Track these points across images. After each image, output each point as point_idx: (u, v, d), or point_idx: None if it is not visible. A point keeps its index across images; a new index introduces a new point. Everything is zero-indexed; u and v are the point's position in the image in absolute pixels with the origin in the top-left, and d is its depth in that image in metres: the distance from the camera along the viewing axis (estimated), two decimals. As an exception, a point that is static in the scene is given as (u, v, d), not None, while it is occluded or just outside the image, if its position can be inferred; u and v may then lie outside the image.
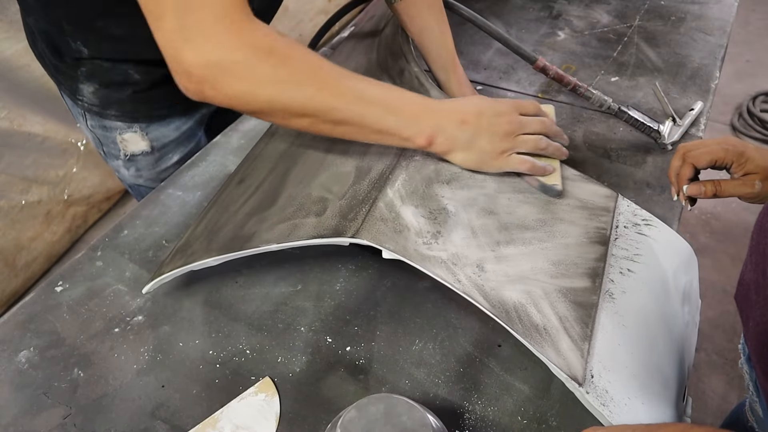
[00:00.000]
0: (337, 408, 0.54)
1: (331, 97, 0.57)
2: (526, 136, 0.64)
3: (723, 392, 1.48)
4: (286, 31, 2.29)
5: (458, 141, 0.62)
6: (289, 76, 0.56)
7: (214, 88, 0.55)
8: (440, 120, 0.61)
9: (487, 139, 0.62)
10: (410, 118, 0.60)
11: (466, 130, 0.61)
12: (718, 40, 1.06)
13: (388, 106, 0.60)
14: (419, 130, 0.61)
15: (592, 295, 0.56)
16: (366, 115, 0.59)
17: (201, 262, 0.60)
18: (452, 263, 0.56)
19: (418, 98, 0.62)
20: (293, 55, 0.56)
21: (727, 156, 0.62)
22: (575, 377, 0.50)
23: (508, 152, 0.63)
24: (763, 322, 0.53)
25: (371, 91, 0.60)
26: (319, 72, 0.57)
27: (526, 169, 0.63)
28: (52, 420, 0.56)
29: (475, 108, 0.63)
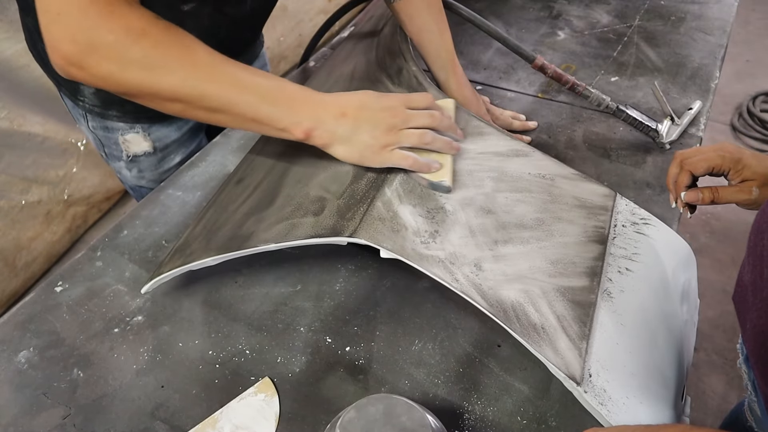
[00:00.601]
0: (336, 408, 0.54)
1: (204, 83, 0.56)
2: (410, 131, 0.62)
3: (723, 392, 1.48)
4: (286, 31, 2.30)
5: (337, 134, 0.60)
6: (160, 60, 0.55)
7: (81, 68, 0.54)
8: (319, 112, 0.60)
9: (368, 132, 0.60)
10: (287, 109, 0.59)
11: (345, 123, 0.60)
12: (718, 40, 1.06)
13: (264, 95, 0.58)
14: (295, 121, 0.59)
15: (591, 294, 0.56)
16: (239, 103, 0.57)
17: (200, 262, 0.61)
18: (450, 262, 0.56)
19: (298, 89, 0.61)
20: (167, 39, 0.55)
21: (724, 163, 0.62)
22: (573, 376, 0.50)
23: (390, 147, 0.61)
24: (760, 324, 0.53)
25: (247, 79, 0.58)
26: (193, 57, 0.56)
27: (408, 165, 0.61)
28: (51, 420, 0.56)
29: (357, 101, 0.61)
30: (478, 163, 0.67)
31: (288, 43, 2.32)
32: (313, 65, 1.05)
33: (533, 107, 0.92)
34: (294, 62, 2.35)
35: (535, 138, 0.86)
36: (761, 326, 0.52)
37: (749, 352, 0.57)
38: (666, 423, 0.51)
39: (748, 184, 0.61)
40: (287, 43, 2.32)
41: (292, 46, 2.34)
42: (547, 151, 0.69)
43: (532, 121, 0.88)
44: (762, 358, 0.54)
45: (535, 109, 0.92)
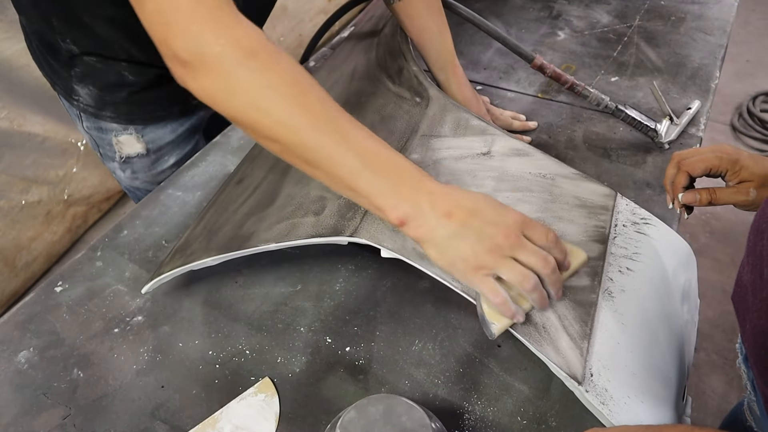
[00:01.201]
0: (336, 408, 0.54)
1: (306, 130, 0.49)
2: (514, 264, 0.51)
3: (723, 392, 1.48)
4: (286, 31, 2.30)
5: (435, 235, 0.51)
6: (267, 89, 0.49)
7: (193, 77, 0.50)
8: (423, 201, 0.51)
9: (468, 244, 0.50)
10: (389, 186, 0.51)
11: (448, 226, 0.50)
12: (718, 40, 1.06)
13: (368, 163, 0.50)
14: (393, 204, 0.50)
15: (591, 294, 0.56)
16: (339, 165, 0.50)
17: (200, 262, 0.61)
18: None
19: (411, 168, 0.52)
20: (277, 65, 0.49)
21: (722, 164, 0.62)
22: (574, 376, 0.50)
23: (486, 270, 0.51)
24: (760, 324, 0.53)
25: (357, 140, 0.50)
26: (302, 97, 0.49)
27: (497, 303, 0.51)
28: (52, 420, 0.56)
29: (471, 203, 0.52)
30: (479, 162, 0.67)
31: (288, 43, 2.32)
32: (313, 65, 1.05)
33: (533, 107, 0.92)
34: (294, 62, 2.34)
35: (535, 138, 0.86)
36: (761, 326, 0.52)
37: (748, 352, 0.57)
38: (667, 423, 0.51)
39: (746, 185, 0.61)
40: (287, 43, 2.32)
41: (292, 46, 2.34)
42: (547, 151, 0.69)
43: (532, 121, 0.88)
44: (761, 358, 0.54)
45: (535, 109, 0.92)
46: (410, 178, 0.52)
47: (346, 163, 0.50)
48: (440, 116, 0.72)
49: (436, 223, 0.50)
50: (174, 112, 0.86)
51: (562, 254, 0.54)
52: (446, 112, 0.73)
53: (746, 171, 0.61)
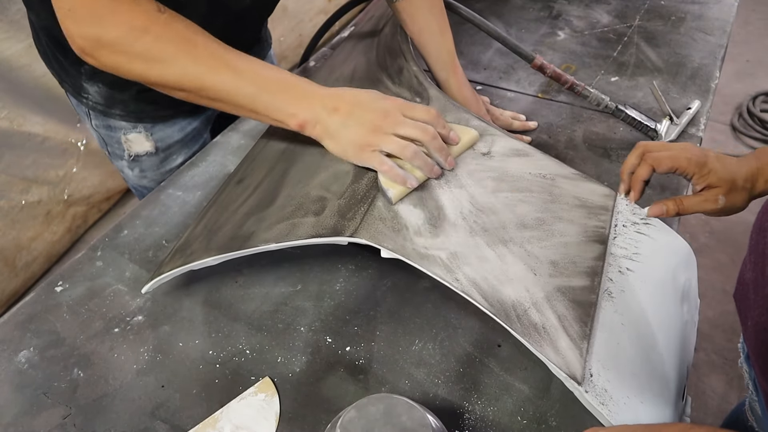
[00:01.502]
0: (336, 408, 0.54)
1: (202, 75, 0.59)
2: (394, 138, 0.61)
3: (723, 392, 1.48)
4: (286, 31, 2.30)
5: (328, 128, 0.61)
6: (161, 54, 0.58)
7: (94, 58, 0.59)
8: (315, 105, 0.61)
9: (353, 129, 0.61)
10: (284, 101, 0.61)
11: (336, 118, 0.61)
12: (718, 40, 1.06)
13: (262, 86, 0.60)
14: (291, 113, 0.61)
15: (591, 294, 0.56)
16: (237, 95, 0.60)
17: (200, 262, 0.61)
18: (450, 262, 0.56)
19: (298, 81, 0.62)
20: (168, 34, 0.58)
21: (690, 167, 0.59)
22: (574, 376, 0.50)
23: (371, 147, 0.61)
24: (761, 322, 0.53)
25: (246, 70, 0.60)
26: (193, 50, 0.58)
27: (383, 170, 0.60)
28: (52, 420, 0.56)
29: (352, 97, 0.62)
30: (479, 163, 0.67)
31: (288, 43, 2.32)
32: (313, 65, 1.05)
33: (533, 107, 0.92)
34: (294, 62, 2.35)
35: (535, 138, 0.86)
36: (763, 323, 0.52)
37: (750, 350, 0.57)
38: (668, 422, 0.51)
39: (714, 191, 0.59)
40: (287, 43, 2.32)
41: (292, 46, 2.34)
42: (547, 151, 0.69)
43: (532, 121, 0.88)
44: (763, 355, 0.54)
45: (535, 109, 0.92)
46: (300, 89, 0.61)
47: (243, 92, 0.60)
48: (440, 116, 0.72)
49: (327, 118, 0.61)
50: (182, 110, 0.86)
51: (445, 128, 0.63)
52: (446, 112, 0.73)
53: (714, 175, 0.59)
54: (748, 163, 0.60)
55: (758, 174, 0.60)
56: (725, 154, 0.62)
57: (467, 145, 0.66)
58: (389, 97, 0.64)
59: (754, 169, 0.60)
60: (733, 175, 0.59)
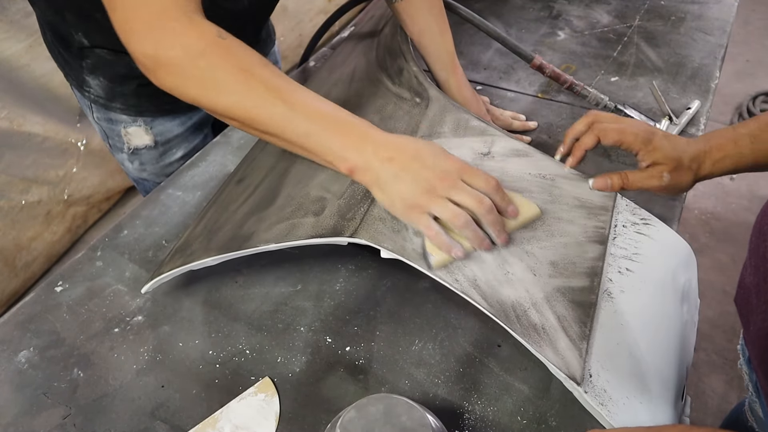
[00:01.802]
0: (336, 408, 0.54)
1: (254, 108, 0.57)
2: (446, 203, 0.55)
3: (723, 392, 1.48)
4: (286, 31, 2.29)
5: (380, 178, 0.56)
6: (215, 82, 0.56)
7: (155, 77, 0.58)
8: (368, 151, 0.57)
9: (406, 185, 0.55)
10: (337, 143, 0.57)
11: (389, 169, 0.56)
12: (718, 40, 1.06)
13: (314, 125, 0.57)
14: (342, 157, 0.57)
15: (591, 295, 0.56)
16: (288, 132, 0.57)
17: (200, 262, 0.61)
18: (450, 263, 0.56)
19: (354, 122, 0.58)
20: (223, 61, 0.56)
21: (635, 142, 0.59)
22: (573, 377, 0.50)
23: (421, 209, 0.56)
24: (765, 327, 0.52)
25: (301, 108, 0.57)
26: (247, 81, 0.56)
27: (429, 236, 0.56)
28: (52, 420, 0.56)
29: (412, 149, 0.57)
30: (479, 163, 0.67)
31: (288, 43, 2.32)
32: (313, 65, 1.05)
33: (533, 107, 0.92)
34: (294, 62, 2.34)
35: (535, 138, 0.86)
36: (766, 329, 0.52)
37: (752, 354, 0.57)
38: (666, 423, 0.51)
39: (659, 168, 0.59)
40: (287, 43, 2.32)
41: (292, 46, 2.34)
42: (547, 151, 0.69)
43: (532, 121, 0.88)
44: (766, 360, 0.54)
45: (535, 109, 0.92)
46: (355, 131, 0.58)
47: (294, 128, 0.57)
48: (440, 117, 0.72)
49: (380, 167, 0.56)
50: (182, 105, 0.86)
51: (504, 200, 0.58)
52: (446, 113, 0.73)
53: (659, 153, 0.58)
54: (696, 145, 0.60)
55: (705, 156, 0.59)
56: None
57: (526, 221, 0.60)
58: (452, 156, 0.58)
59: (702, 151, 0.60)
60: (680, 154, 0.59)
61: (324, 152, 0.58)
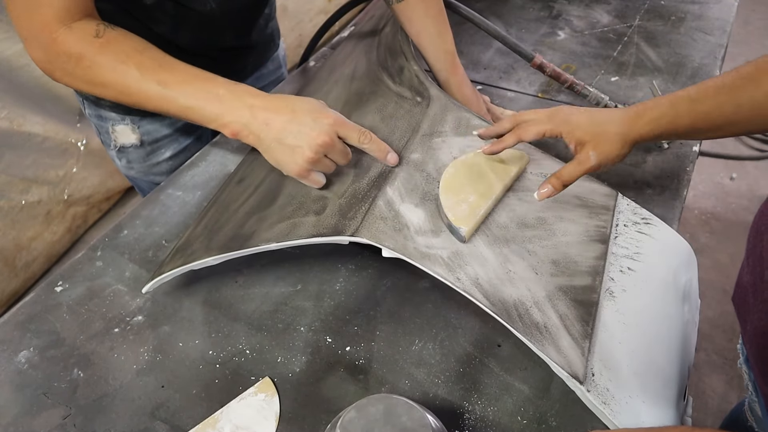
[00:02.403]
0: (336, 408, 0.54)
1: (135, 95, 0.63)
2: (326, 161, 0.62)
3: (723, 392, 1.48)
4: (286, 31, 2.29)
5: (262, 142, 0.62)
6: (96, 78, 0.63)
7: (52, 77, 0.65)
8: (246, 116, 0.62)
9: (287, 150, 0.61)
10: (216, 110, 0.62)
11: (269, 133, 0.61)
12: (718, 40, 1.06)
13: (193, 97, 0.62)
14: (224, 124, 0.62)
15: (593, 294, 0.56)
16: (170, 108, 0.63)
17: (200, 262, 0.60)
18: (452, 261, 0.56)
19: (228, 90, 0.63)
20: (101, 60, 0.62)
21: (555, 127, 0.58)
22: (576, 375, 0.50)
23: (305, 172, 0.62)
24: (761, 326, 0.52)
25: (174, 88, 0.62)
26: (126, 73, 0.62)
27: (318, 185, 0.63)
28: (52, 420, 0.56)
29: (290, 114, 0.61)
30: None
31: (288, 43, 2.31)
32: (313, 65, 1.05)
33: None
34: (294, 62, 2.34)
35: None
36: (762, 327, 0.52)
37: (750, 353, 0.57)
38: (668, 423, 0.51)
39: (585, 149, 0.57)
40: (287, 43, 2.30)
41: (292, 46, 2.34)
42: (547, 151, 0.69)
43: (533, 120, 0.88)
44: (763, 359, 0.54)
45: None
46: (230, 97, 0.62)
47: (174, 105, 0.63)
48: (441, 115, 0.72)
49: (260, 132, 0.62)
50: None
51: (380, 149, 0.64)
52: (447, 112, 0.73)
53: (580, 130, 0.57)
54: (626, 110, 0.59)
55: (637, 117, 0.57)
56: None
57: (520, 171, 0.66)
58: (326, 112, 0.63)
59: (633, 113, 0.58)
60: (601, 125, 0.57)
61: (208, 122, 0.63)
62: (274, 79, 1.04)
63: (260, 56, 0.98)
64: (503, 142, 0.62)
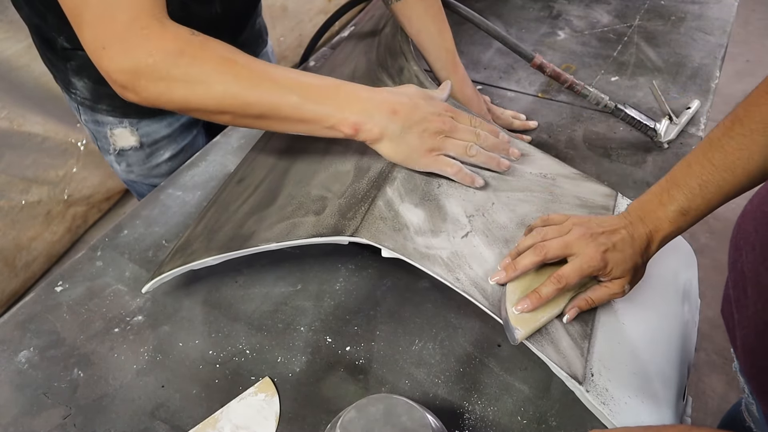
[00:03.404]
0: (336, 408, 0.54)
1: (244, 91, 0.56)
2: (456, 140, 0.62)
3: (723, 392, 1.48)
4: (286, 31, 2.29)
5: (388, 130, 0.59)
6: (200, 76, 0.56)
7: (134, 92, 0.57)
8: (369, 107, 0.59)
9: (416, 134, 0.60)
10: (333, 106, 0.58)
11: (397, 121, 0.59)
12: (718, 40, 1.06)
13: (307, 94, 0.58)
14: (342, 118, 0.58)
15: (592, 295, 0.56)
16: (282, 106, 0.57)
17: (200, 262, 0.60)
18: (451, 261, 0.56)
19: (346, 85, 0.60)
20: (204, 54, 0.56)
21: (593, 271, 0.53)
22: (575, 376, 0.50)
23: (436, 152, 0.61)
24: (749, 342, 0.52)
25: (289, 81, 0.58)
26: (232, 68, 0.57)
27: (453, 173, 0.62)
28: (52, 420, 0.56)
29: (409, 99, 0.61)
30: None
31: (288, 43, 2.32)
32: (313, 65, 1.05)
33: (533, 107, 0.92)
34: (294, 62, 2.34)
35: (536, 137, 0.86)
36: (750, 344, 0.52)
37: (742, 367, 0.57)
38: (667, 423, 0.51)
39: (620, 282, 0.54)
40: (287, 43, 2.32)
41: (292, 46, 2.34)
42: (547, 151, 0.69)
43: (533, 120, 0.88)
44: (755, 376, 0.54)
45: (536, 108, 0.92)
46: (346, 93, 0.59)
47: (287, 102, 0.57)
48: (440, 116, 0.72)
49: (387, 120, 0.59)
50: None
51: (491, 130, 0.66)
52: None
53: (617, 269, 0.53)
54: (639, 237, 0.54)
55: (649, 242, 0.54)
56: None
57: None
58: (435, 98, 0.64)
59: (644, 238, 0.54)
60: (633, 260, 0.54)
61: (323, 118, 0.58)
62: None
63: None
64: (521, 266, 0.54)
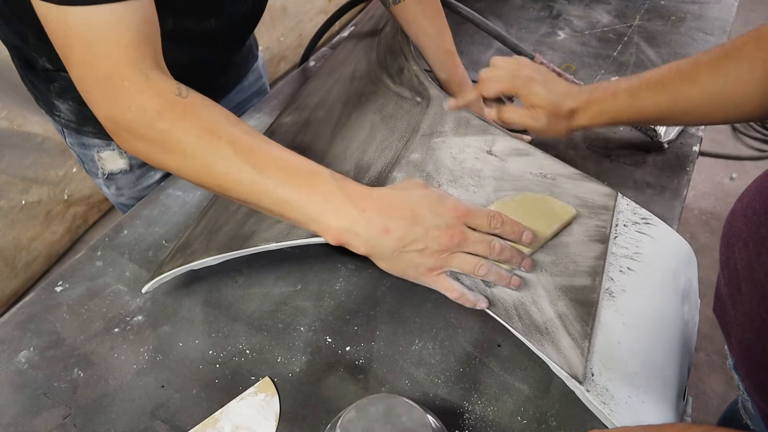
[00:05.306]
0: (336, 408, 0.54)
1: (222, 175, 0.51)
2: (463, 256, 0.53)
3: (723, 392, 1.48)
4: (286, 31, 2.30)
5: (377, 250, 0.51)
6: (177, 146, 0.51)
7: (120, 141, 0.54)
8: (357, 219, 0.50)
9: (415, 253, 0.51)
10: (318, 210, 0.51)
11: (389, 242, 0.51)
12: (718, 40, 1.06)
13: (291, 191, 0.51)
14: (325, 226, 0.51)
15: (592, 294, 0.56)
16: (262, 201, 0.52)
17: (200, 262, 0.60)
18: None
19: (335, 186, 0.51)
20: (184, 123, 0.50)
21: (515, 87, 0.60)
22: (576, 375, 0.50)
23: (437, 271, 0.53)
24: (745, 339, 0.52)
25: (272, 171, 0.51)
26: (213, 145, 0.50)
27: (455, 298, 0.54)
28: (52, 420, 0.56)
29: (410, 211, 0.51)
30: (480, 162, 0.66)
31: (288, 43, 2.32)
32: (313, 65, 1.05)
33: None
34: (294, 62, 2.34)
35: (536, 137, 0.86)
36: (746, 341, 0.52)
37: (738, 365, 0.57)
38: (667, 423, 0.51)
39: (538, 111, 0.58)
40: (287, 43, 2.32)
41: (292, 46, 2.34)
42: (547, 151, 0.69)
43: (533, 120, 0.88)
44: (751, 373, 0.53)
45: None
46: (339, 197, 0.51)
47: (267, 198, 0.51)
48: (441, 115, 0.72)
49: (377, 241, 0.51)
50: None
51: (514, 230, 0.55)
52: (447, 112, 0.73)
53: (537, 97, 0.59)
54: (577, 95, 0.61)
55: (581, 110, 0.60)
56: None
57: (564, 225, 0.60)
58: (448, 201, 0.53)
59: (579, 105, 0.60)
60: (558, 101, 0.59)
61: (304, 222, 0.52)
62: (256, 90, 1.02)
63: (241, 69, 0.95)
64: (465, 97, 0.63)
